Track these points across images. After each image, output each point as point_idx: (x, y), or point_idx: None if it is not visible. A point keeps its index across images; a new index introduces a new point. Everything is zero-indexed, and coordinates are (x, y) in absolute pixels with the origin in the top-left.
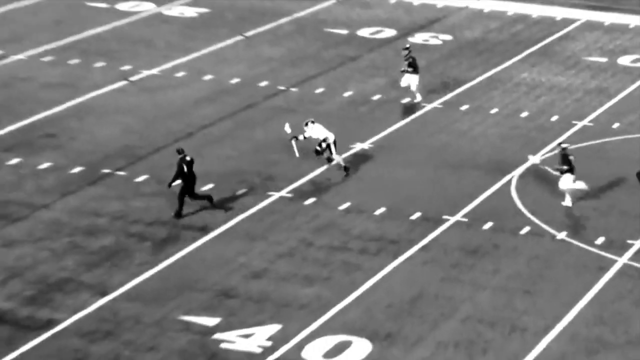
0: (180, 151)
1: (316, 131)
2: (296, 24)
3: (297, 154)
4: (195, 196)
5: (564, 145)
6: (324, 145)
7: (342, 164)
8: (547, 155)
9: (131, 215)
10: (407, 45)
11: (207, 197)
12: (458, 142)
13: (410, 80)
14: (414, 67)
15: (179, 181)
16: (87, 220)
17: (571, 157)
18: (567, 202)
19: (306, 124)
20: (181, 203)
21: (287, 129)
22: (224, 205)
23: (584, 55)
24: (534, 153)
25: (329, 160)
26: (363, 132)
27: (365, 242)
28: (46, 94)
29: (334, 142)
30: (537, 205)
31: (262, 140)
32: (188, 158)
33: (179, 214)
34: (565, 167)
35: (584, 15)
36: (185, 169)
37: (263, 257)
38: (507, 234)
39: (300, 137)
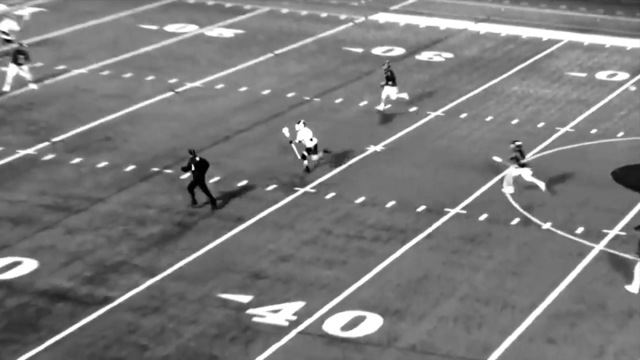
0: (191, 152)
1: (303, 133)
2: (318, 44)
3: (298, 156)
4: (205, 189)
5: (518, 143)
6: (304, 152)
7: (314, 160)
8: (541, 154)
9: (176, 208)
10: (387, 62)
11: (213, 200)
12: (458, 145)
13: (390, 92)
14: (392, 80)
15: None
16: (138, 211)
17: (521, 152)
18: (509, 190)
19: (298, 122)
20: (192, 194)
21: (286, 133)
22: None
23: (566, 70)
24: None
25: (304, 157)
26: (376, 137)
27: (378, 231)
28: (104, 103)
29: (315, 146)
30: (525, 200)
31: (289, 144)
32: (197, 159)
33: (194, 202)
34: (515, 160)
35: (566, 37)
36: (193, 167)
37: (289, 244)
38: (499, 224)
39: (296, 141)
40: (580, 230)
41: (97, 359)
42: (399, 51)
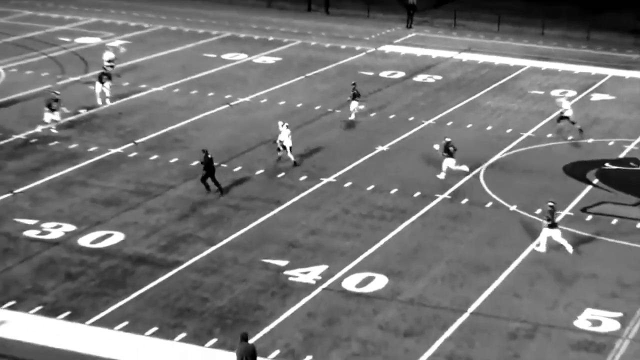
0: (204, 151)
1: (283, 134)
2: (339, 68)
3: (279, 148)
4: (215, 181)
5: (448, 139)
6: (280, 147)
7: (292, 159)
8: (508, 153)
9: (230, 193)
10: (354, 82)
11: (220, 187)
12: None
13: (354, 106)
14: (357, 97)
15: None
16: (201, 196)
17: (451, 148)
18: (442, 176)
19: (282, 125)
20: (205, 185)
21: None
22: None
23: (528, 89)
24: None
25: (279, 159)
26: (383, 139)
27: (384, 211)
28: (175, 113)
29: (290, 148)
30: (496, 187)
31: (317, 145)
32: (209, 156)
33: (208, 189)
34: (446, 154)
35: (528, 63)
36: (205, 163)
37: (317, 221)
38: (477, 207)
39: (278, 140)
40: (538, 211)
41: (170, 309)
42: (400, 74)
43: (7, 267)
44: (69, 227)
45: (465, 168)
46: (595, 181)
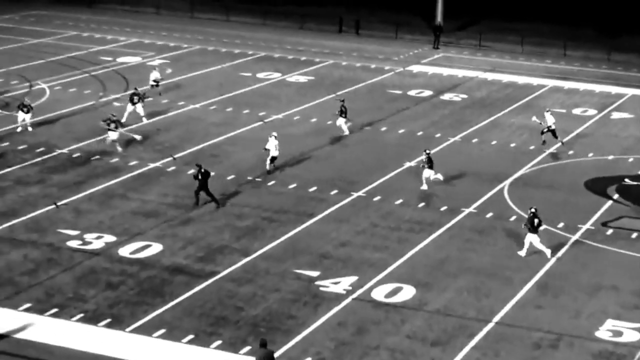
0: (198, 165)
1: (271, 143)
2: (369, 87)
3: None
4: (209, 193)
5: (428, 151)
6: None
7: (269, 169)
8: (531, 169)
9: (264, 206)
10: (342, 99)
11: (215, 200)
12: (471, 162)
13: (341, 122)
14: (345, 113)
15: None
16: (236, 209)
17: (430, 157)
18: (424, 187)
19: (270, 136)
20: (197, 197)
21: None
22: (223, 204)
23: (551, 107)
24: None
25: (270, 170)
26: (411, 155)
27: (412, 224)
28: (211, 130)
29: (273, 157)
30: (520, 202)
31: (347, 160)
32: (203, 170)
33: (197, 204)
34: (427, 165)
35: (551, 83)
36: (200, 176)
37: (347, 233)
38: (501, 220)
39: (266, 147)
40: (561, 224)
41: (206, 317)
42: (427, 93)
43: (50, 276)
44: (110, 238)
45: (440, 177)
46: (616, 196)
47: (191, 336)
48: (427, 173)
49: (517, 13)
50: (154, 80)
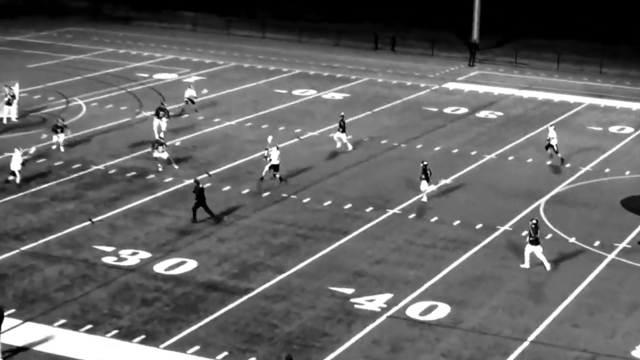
0: (196, 181)
1: (274, 154)
2: (404, 104)
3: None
4: (207, 209)
5: (425, 163)
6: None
7: (278, 176)
8: (568, 187)
9: (299, 223)
10: (342, 114)
11: (212, 215)
12: (506, 180)
13: (342, 136)
14: (343, 129)
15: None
16: (271, 225)
17: (427, 170)
18: (424, 199)
19: (272, 147)
20: (194, 214)
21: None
22: (222, 218)
23: (587, 125)
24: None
25: (276, 176)
26: (447, 172)
27: (447, 242)
28: (247, 146)
29: (275, 166)
30: (556, 220)
31: (383, 177)
32: (200, 186)
33: (194, 220)
34: (423, 176)
35: (587, 100)
36: (197, 193)
37: (382, 251)
38: None
39: (268, 159)
40: (597, 243)
41: (240, 334)
42: (463, 110)
43: (85, 292)
44: (145, 255)
45: (433, 187)
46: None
47: (225, 353)
48: (424, 186)
49: (554, 30)
50: (189, 98)
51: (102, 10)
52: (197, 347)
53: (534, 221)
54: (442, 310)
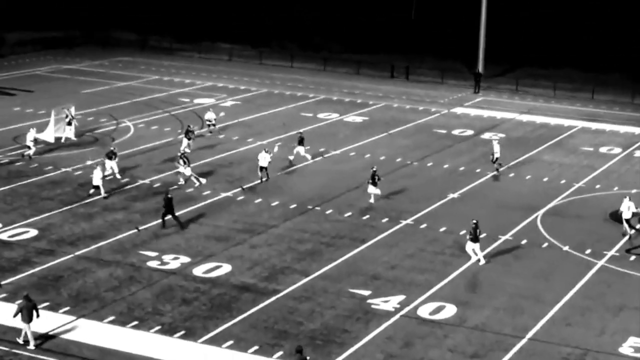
0: (166, 192)
1: (265, 159)
2: (417, 127)
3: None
4: (175, 217)
5: (374, 169)
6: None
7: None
8: (562, 201)
9: (322, 232)
10: (301, 131)
11: (180, 222)
12: (507, 194)
13: (300, 149)
14: (302, 142)
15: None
16: (297, 234)
17: (376, 176)
18: (372, 200)
19: (266, 151)
20: (163, 221)
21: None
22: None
23: (580, 146)
24: (548, 200)
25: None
26: (455, 187)
27: (454, 249)
28: (276, 163)
29: (264, 168)
30: (552, 230)
31: (397, 191)
32: (169, 196)
33: (163, 226)
34: (370, 181)
35: (580, 124)
36: (166, 202)
37: (396, 257)
38: (534, 246)
39: (265, 163)
40: (588, 251)
41: (269, 330)
42: (469, 132)
43: (131, 292)
44: (185, 259)
45: (378, 191)
46: (638, 226)
47: (256, 347)
48: (371, 189)
49: (551, 61)
50: (208, 120)
51: (149, 41)
52: (230, 342)
53: (474, 221)
54: (450, 310)
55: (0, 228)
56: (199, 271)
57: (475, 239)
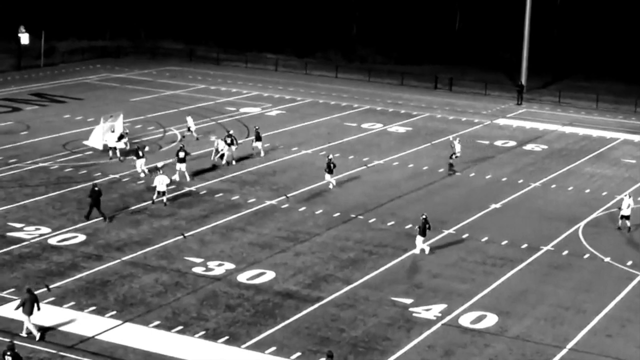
0: (94, 185)
1: (221, 145)
2: (460, 138)
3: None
4: (99, 210)
5: (330, 157)
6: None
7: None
8: (604, 212)
9: (365, 241)
10: (257, 126)
11: (104, 215)
12: (550, 205)
13: (257, 144)
14: (259, 138)
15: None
16: (340, 242)
17: (331, 164)
18: (331, 186)
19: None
20: (89, 211)
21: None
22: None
23: (622, 158)
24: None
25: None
26: (496, 198)
27: (495, 259)
28: (321, 173)
29: (223, 155)
30: (593, 241)
31: (439, 201)
32: (97, 189)
33: (87, 217)
34: (327, 169)
35: (622, 136)
36: (93, 195)
37: (438, 266)
38: (576, 257)
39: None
40: (629, 262)
41: (312, 337)
42: (512, 143)
43: (177, 298)
44: (230, 266)
45: (333, 183)
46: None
47: (299, 353)
48: (327, 177)
49: (594, 73)
50: (188, 127)
51: (196, 51)
52: (274, 348)
53: (424, 216)
54: (491, 319)
55: (49, 233)
56: (243, 278)
57: (423, 232)
